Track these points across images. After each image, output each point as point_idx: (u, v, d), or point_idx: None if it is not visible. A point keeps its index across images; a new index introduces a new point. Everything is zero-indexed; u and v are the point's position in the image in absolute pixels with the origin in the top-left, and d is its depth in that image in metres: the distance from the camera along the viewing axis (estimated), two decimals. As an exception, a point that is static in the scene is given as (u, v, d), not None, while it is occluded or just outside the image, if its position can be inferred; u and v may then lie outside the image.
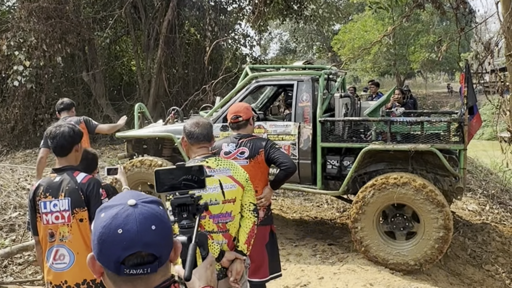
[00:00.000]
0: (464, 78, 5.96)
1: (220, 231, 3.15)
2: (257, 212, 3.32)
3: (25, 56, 12.92)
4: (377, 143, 5.94)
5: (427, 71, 45.06)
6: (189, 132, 3.22)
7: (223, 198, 3.13)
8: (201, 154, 3.21)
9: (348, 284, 5.42)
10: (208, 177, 2.92)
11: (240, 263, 3.19)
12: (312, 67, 6.84)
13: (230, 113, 4.15)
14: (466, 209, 8.56)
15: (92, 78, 15.03)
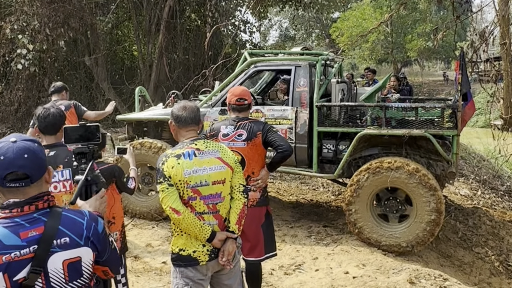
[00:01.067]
0: (459, 65, 5.95)
1: (210, 212, 3.15)
2: (246, 193, 3.33)
3: (28, 39, 12.79)
4: (372, 128, 5.94)
5: (424, 59, 44.96)
6: (176, 116, 3.21)
7: (212, 180, 3.13)
8: (189, 137, 3.20)
9: (341, 264, 5.46)
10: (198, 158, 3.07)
11: (232, 243, 3.20)
12: (309, 53, 6.83)
13: (234, 96, 4.11)
14: (459, 194, 8.60)
15: (94, 62, 14.94)
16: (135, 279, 5.08)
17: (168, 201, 3.05)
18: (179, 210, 3.03)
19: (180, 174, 3.04)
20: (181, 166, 3.05)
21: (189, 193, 3.08)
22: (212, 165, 3.15)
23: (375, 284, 4.92)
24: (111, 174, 4.03)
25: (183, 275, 3.17)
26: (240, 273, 3.49)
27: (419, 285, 5.02)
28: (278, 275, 5.25)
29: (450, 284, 5.12)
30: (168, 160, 3.09)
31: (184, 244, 3.15)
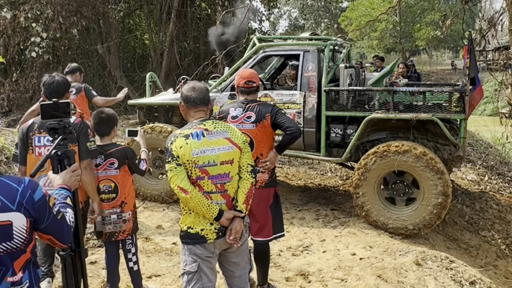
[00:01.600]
0: (467, 49, 5.85)
1: (218, 191, 3.14)
2: (254, 173, 3.31)
3: (42, 28, 12.84)
4: (380, 112, 5.89)
5: (432, 48, 44.53)
6: (185, 96, 3.20)
7: (220, 160, 3.11)
8: (198, 117, 3.19)
9: (348, 246, 5.45)
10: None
11: (239, 222, 3.18)
12: (318, 38, 6.77)
13: (242, 78, 4.08)
14: (466, 179, 8.54)
15: (107, 51, 14.95)
16: (146, 259, 5.10)
17: (176, 180, 3.04)
18: (187, 189, 3.02)
19: (188, 154, 3.03)
20: (189, 146, 3.04)
21: (197, 172, 3.07)
22: (220, 146, 3.13)
23: (381, 265, 4.90)
24: (123, 156, 4.05)
25: (191, 252, 3.17)
26: (248, 252, 3.49)
27: (426, 266, 4.99)
28: (286, 256, 5.25)
29: (456, 265, 5.09)
30: (176, 140, 3.07)
31: (192, 222, 3.15)
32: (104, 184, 4.01)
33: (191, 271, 3.18)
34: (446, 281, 4.77)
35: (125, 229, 4.08)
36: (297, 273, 4.82)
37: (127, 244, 4.18)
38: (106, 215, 4.02)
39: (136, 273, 4.22)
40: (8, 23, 12.85)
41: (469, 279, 4.89)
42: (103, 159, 4.00)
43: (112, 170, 4.02)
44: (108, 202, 4.02)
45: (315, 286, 4.57)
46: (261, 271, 4.27)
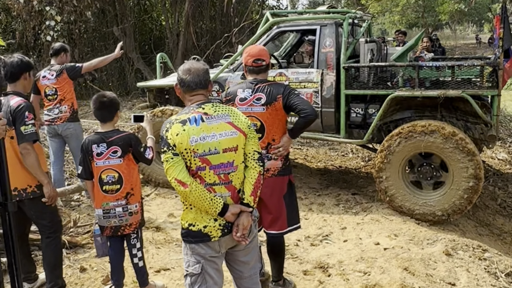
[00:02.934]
0: (500, 19, 5.26)
1: (222, 182, 2.73)
2: (262, 161, 2.88)
3: (56, 11, 12.52)
4: (404, 89, 5.37)
5: (456, 22, 43.02)
6: (181, 79, 2.79)
7: (222, 147, 2.70)
8: (195, 101, 2.77)
9: (371, 234, 5.01)
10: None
11: (247, 217, 2.78)
12: (336, 11, 6.22)
13: (250, 56, 3.63)
14: (496, 158, 7.96)
15: (123, 33, 14.56)
16: (155, 250, 4.75)
17: (173, 172, 2.64)
18: (186, 182, 2.63)
19: (186, 142, 2.62)
20: (186, 133, 2.63)
21: (197, 162, 2.67)
22: (222, 131, 2.72)
23: (408, 256, 4.45)
24: (127, 143, 3.67)
25: (194, 252, 2.79)
26: (258, 249, 3.09)
27: (457, 256, 4.53)
28: (304, 246, 4.84)
29: (490, 255, 4.61)
30: (172, 126, 2.67)
31: (194, 218, 2.76)
32: (107, 174, 3.63)
33: (194, 272, 2.80)
34: (479, 273, 4.30)
35: (131, 222, 3.72)
36: (316, 265, 4.40)
37: (131, 239, 3.82)
38: (111, 207, 3.65)
39: (142, 269, 3.88)
40: (22, 7, 12.58)
41: (504, 271, 4.42)
42: (105, 147, 3.62)
43: (115, 159, 3.63)
44: (112, 193, 3.64)
45: (335, 280, 4.15)
46: (275, 266, 3.87)
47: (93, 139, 3.65)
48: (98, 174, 3.63)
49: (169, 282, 4.21)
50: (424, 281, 4.07)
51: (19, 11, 12.72)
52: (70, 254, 4.58)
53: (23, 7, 12.56)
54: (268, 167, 3.66)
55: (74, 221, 4.97)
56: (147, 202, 5.92)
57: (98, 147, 3.61)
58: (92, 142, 3.63)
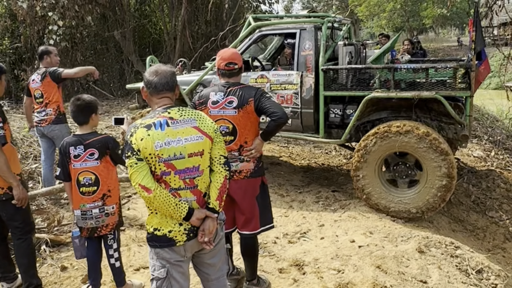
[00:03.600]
0: (473, 22, 5.03)
1: (187, 187, 2.52)
2: (228, 165, 2.67)
3: (58, 16, 12.27)
4: (380, 91, 5.14)
5: (439, 26, 42.77)
6: (147, 81, 2.57)
7: (188, 152, 2.48)
8: (162, 105, 2.55)
9: (348, 231, 4.78)
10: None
11: (212, 221, 2.57)
12: (315, 15, 5.97)
13: (222, 60, 3.41)
14: (472, 156, 7.73)
15: (123, 37, 14.31)
16: (137, 248, 4.53)
17: (137, 177, 2.43)
18: (150, 187, 2.41)
19: (150, 147, 2.40)
20: (151, 137, 2.41)
21: (162, 167, 2.45)
22: (188, 136, 2.50)
23: (381, 254, 4.23)
24: (104, 146, 3.45)
25: (159, 256, 2.58)
26: (225, 251, 2.86)
27: (429, 254, 4.31)
28: (282, 243, 4.61)
29: (462, 252, 4.40)
30: (137, 131, 2.45)
31: (159, 223, 2.55)
32: (84, 176, 3.41)
33: (159, 277, 2.59)
34: (451, 270, 4.09)
35: (108, 223, 3.50)
36: (292, 263, 4.18)
37: (108, 240, 3.60)
38: (88, 209, 3.43)
39: (118, 269, 3.65)
40: (26, 13, 12.32)
41: (475, 267, 4.21)
42: (83, 149, 3.40)
43: (92, 161, 3.41)
44: (89, 195, 3.42)
45: (310, 278, 3.93)
46: (249, 266, 3.65)
47: (70, 141, 3.44)
48: (75, 176, 3.42)
49: (148, 280, 3.95)
50: (396, 279, 3.86)
51: (23, 16, 12.46)
52: (53, 253, 4.36)
53: (26, 13, 12.30)
54: (241, 169, 3.44)
55: (58, 220, 4.75)
56: (133, 200, 5.69)
57: (76, 149, 3.40)
58: (70, 144, 3.42)
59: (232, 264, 3.84)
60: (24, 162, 6.23)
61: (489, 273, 4.16)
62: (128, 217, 5.14)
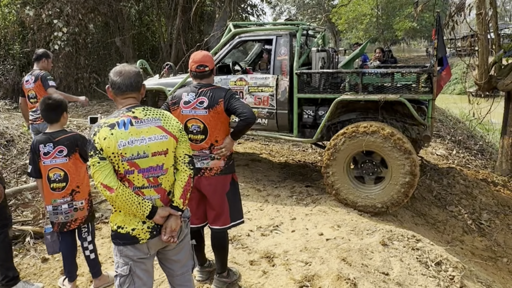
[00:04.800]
0: (435, 31, 4.79)
1: (151, 185, 2.27)
2: (193, 164, 2.41)
3: (63, 23, 11.91)
4: (349, 93, 4.89)
5: (410, 38, 42.72)
6: (112, 81, 2.30)
7: (152, 151, 2.22)
8: (126, 104, 2.28)
9: (317, 225, 4.53)
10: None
11: (175, 220, 2.32)
12: (291, 23, 5.70)
13: (194, 62, 3.14)
14: (435, 154, 7.52)
15: (123, 43, 13.96)
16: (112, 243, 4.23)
17: (99, 176, 2.17)
18: (112, 186, 2.15)
19: (113, 146, 2.14)
20: (114, 137, 2.15)
21: (125, 166, 2.19)
22: (152, 135, 2.24)
23: (347, 247, 3.98)
24: (73, 143, 3.18)
25: (122, 254, 2.31)
26: (189, 247, 2.59)
27: (392, 247, 4.06)
28: (255, 236, 4.34)
29: (423, 245, 4.16)
30: (100, 130, 2.18)
31: (122, 221, 2.29)
32: (54, 172, 3.16)
33: (122, 274, 2.34)
34: (411, 262, 3.85)
35: (77, 217, 3.25)
36: (263, 255, 3.91)
37: (82, 233, 3.35)
38: (58, 204, 3.18)
39: (94, 261, 3.39)
40: (33, 20, 11.95)
41: (435, 260, 3.96)
42: (52, 147, 3.14)
43: (61, 158, 3.16)
44: (59, 191, 3.18)
45: (279, 270, 3.67)
46: (219, 259, 3.38)
47: (40, 139, 3.17)
48: (46, 172, 3.16)
49: (124, 271, 3.70)
50: (359, 271, 3.61)
51: (30, 23, 12.09)
52: (37, 244, 4.07)
53: (33, 20, 11.94)
54: (211, 167, 3.18)
55: (43, 213, 4.45)
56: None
57: (45, 146, 3.14)
58: (39, 142, 3.16)
59: (204, 257, 3.58)
60: (19, 157, 5.90)
61: (447, 265, 3.92)
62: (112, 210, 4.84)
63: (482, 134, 10.51)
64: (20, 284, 3.31)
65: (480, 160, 7.89)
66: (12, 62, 13.33)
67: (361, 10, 34.32)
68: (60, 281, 3.47)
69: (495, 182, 6.30)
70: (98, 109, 11.65)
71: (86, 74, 13.43)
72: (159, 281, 3.39)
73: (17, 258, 3.79)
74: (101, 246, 4.08)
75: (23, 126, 6.86)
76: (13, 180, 5.37)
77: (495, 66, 6.78)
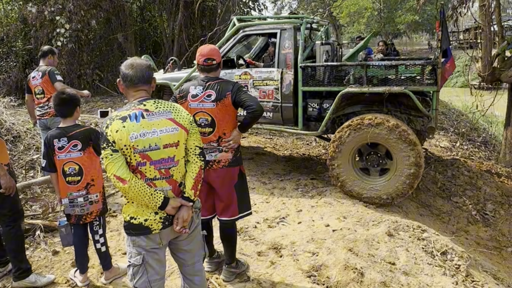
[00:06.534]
0: (439, 23, 4.81)
1: (163, 177, 2.30)
2: (203, 156, 2.45)
3: (65, 20, 11.92)
4: (354, 86, 4.92)
5: (411, 31, 42.52)
6: (123, 74, 2.33)
7: (163, 143, 2.26)
8: (138, 97, 2.32)
9: (323, 216, 4.58)
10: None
11: (187, 210, 2.36)
12: (294, 16, 5.72)
13: (201, 56, 3.17)
14: (439, 146, 7.55)
15: (125, 39, 13.96)
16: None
17: (112, 168, 2.20)
18: (125, 178, 2.19)
19: (125, 138, 2.17)
20: (126, 129, 2.18)
21: (138, 158, 2.22)
22: (163, 127, 2.27)
23: (353, 237, 4.03)
24: (87, 137, 3.23)
25: (135, 244, 2.36)
26: (201, 237, 2.64)
27: (398, 237, 4.11)
28: (262, 228, 4.40)
29: (428, 235, 4.20)
30: (112, 123, 2.22)
31: (135, 212, 2.33)
32: (69, 166, 3.20)
33: (135, 264, 2.38)
34: (417, 252, 3.90)
35: (92, 210, 3.30)
36: (270, 246, 3.97)
37: (94, 226, 3.40)
38: (74, 197, 3.23)
39: (104, 254, 3.45)
40: (36, 17, 11.96)
41: (440, 249, 4.01)
42: (66, 141, 3.18)
43: (75, 152, 3.20)
44: (74, 184, 3.23)
45: (286, 260, 3.73)
46: (227, 250, 3.43)
47: (54, 134, 3.21)
48: (61, 166, 3.21)
49: (134, 263, 3.76)
50: (366, 261, 3.66)
51: (33, 20, 12.10)
52: (47, 238, 4.12)
53: (36, 17, 11.95)
54: (220, 159, 3.22)
55: (53, 207, 4.50)
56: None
57: (59, 141, 3.18)
58: (53, 136, 3.20)
59: (213, 248, 3.64)
60: (26, 153, 5.96)
61: (453, 255, 3.97)
62: (120, 203, 4.91)
63: (485, 126, 10.52)
64: (32, 276, 3.37)
65: (484, 152, 7.92)
66: (15, 59, 13.37)
67: (362, 4, 34.21)
68: (72, 273, 3.52)
69: (499, 173, 6.34)
70: (101, 105, 11.69)
71: (89, 71, 13.45)
72: (169, 272, 3.44)
73: (28, 251, 3.84)
74: (110, 239, 4.13)
75: (29, 123, 6.91)
76: (20, 175, 5.43)
77: (499, 57, 6.80)
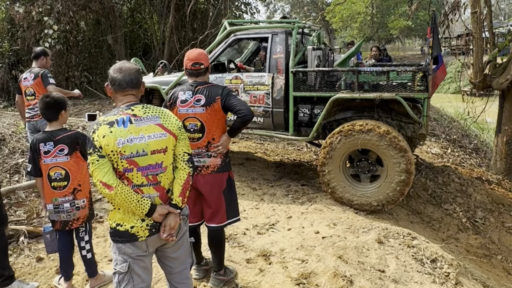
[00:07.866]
0: (430, 29, 4.87)
1: (150, 183, 2.29)
2: (192, 162, 2.44)
3: (53, 21, 11.85)
4: (345, 92, 4.95)
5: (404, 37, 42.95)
6: (111, 78, 2.32)
7: (151, 149, 2.25)
8: (126, 102, 2.31)
9: (313, 223, 4.59)
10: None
11: (174, 217, 2.35)
12: (286, 21, 5.75)
13: (189, 60, 3.17)
14: (430, 152, 7.61)
15: (115, 41, 13.92)
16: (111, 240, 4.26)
17: (98, 174, 2.18)
18: (111, 184, 2.17)
19: (112, 144, 2.16)
20: (113, 134, 2.17)
21: (124, 164, 2.21)
22: (151, 133, 2.26)
23: (343, 244, 4.04)
24: (73, 141, 3.20)
25: (121, 251, 2.34)
26: (188, 244, 2.63)
27: (388, 244, 4.13)
28: (251, 234, 4.39)
29: (418, 243, 4.23)
30: (99, 128, 2.20)
31: (121, 218, 2.31)
32: (55, 171, 3.17)
33: (121, 271, 2.36)
34: (407, 259, 3.92)
35: (79, 216, 3.28)
36: (259, 253, 3.96)
37: (80, 232, 3.37)
38: (59, 203, 3.20)
39: (90, 261, 3.42)
40: (23, 17, 11.88)
41: (430, 257, 4.03)
42: (52, 145, 3.16)
43: (62, 157, 3.17)
44: (60, 190, 3.19)
45: (275, 267, 3.72)
46: (216, 257, 3.42)
47: (40, 138, 3.19)
48: (46, 171, 3.18)
49: (121, 270, 3.73)
50: (356, 268, 3.67)
51: (20, 20, 12.02)
52: (31, 244, 4.08)
53: (23, 17, 11.86)
54: (208, 164, 3.22)
55: (37, 212, 4.46)
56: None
57: (45, 145, 3.16)
58: (39, 141, 3.17)
59: (201, 255, 3.63)
60: (11, 157, 5.90)
61: (443, 262, 4.00)
62: (107, 209, 4.88)
63: (476, 133, 10.65)
64: (15, 283, 3.33)
65: (475, 159, 8.01)
66: (1, 60, 13.26)
67: (355, 9, 34.51)
68: (56, 280, 3.49)
69: (489, 180, 6.41)
70: (89, 107, 11.63)
71: (77, 73, 13.38)
72: (155, 279, 3.42)
73: (11, 257, 3.80)
74: (96, 245, 4.10)
75: (18, 125, 6.85)
76: (5, 179, 5.37)
77: (490, 64, 6.89)
